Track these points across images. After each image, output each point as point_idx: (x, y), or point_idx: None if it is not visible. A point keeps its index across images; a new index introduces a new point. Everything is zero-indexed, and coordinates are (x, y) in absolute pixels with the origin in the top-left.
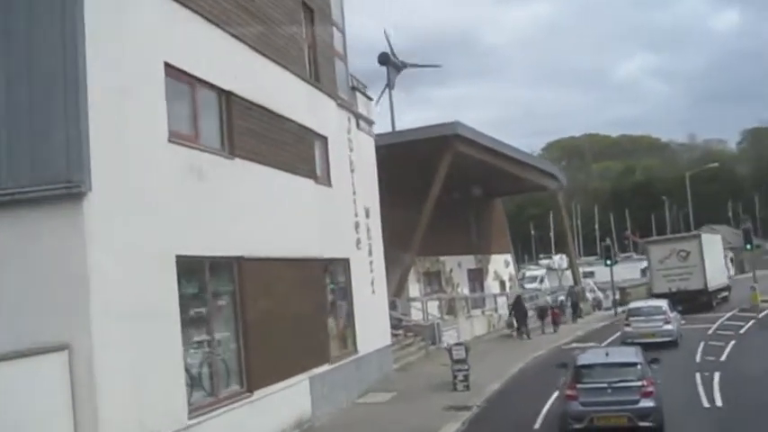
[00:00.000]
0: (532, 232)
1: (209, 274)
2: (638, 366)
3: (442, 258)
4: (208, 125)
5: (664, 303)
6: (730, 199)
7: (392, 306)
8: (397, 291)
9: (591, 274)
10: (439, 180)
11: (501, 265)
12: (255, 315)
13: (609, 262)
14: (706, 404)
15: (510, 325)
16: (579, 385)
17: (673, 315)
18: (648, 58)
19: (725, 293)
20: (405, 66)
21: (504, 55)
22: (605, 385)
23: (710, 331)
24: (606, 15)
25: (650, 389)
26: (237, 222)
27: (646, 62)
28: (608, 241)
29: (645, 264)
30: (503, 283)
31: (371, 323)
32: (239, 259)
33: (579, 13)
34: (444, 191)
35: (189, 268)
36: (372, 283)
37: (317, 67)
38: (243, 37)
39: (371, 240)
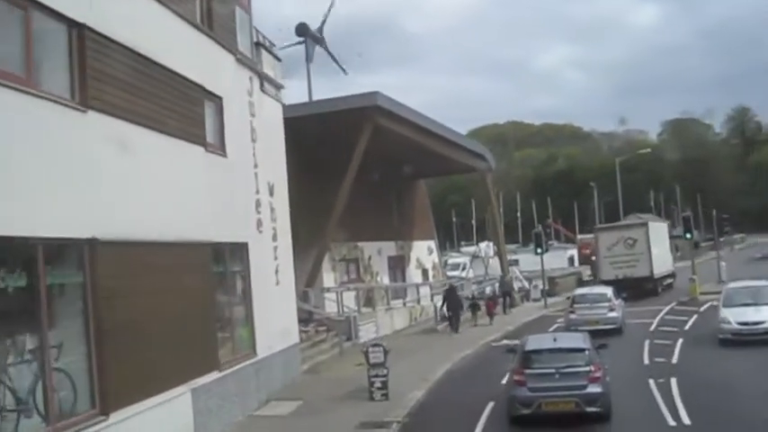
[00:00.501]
0: (454, 219)
1: (44, 261)
2: (586, 352)
3: (360, 244)
4: (49, 65)
5: (608, 290)
6: (652, 189)
7: (303, 297)
8: (309, 280)
9: (515, 263)
10: (357, 157)
11: (424, 252)
12: (115, 314)
13: (539, 250)
14: (671, 422)
15: (443, 318)
16: (527, 370)
17: (617, 302)
18: (570, 50)
19: (670, 280)
20: (322, 40)
21: (427, 43)
22: (553, 371)
23: (653, 327)
24: (528, 6)
25: (598, 374)
26: (90, 195)
27: (567, 54)
28: (539, 228)
29: (572, 252)
30: (425, 272)
31: (275, 319)
32: (91, 242)
33: (501, 3)
34: (363, 170)
35: (12, 253)
36: (277, 272)
37: (210, 12)
38: None
39: (277, 222)
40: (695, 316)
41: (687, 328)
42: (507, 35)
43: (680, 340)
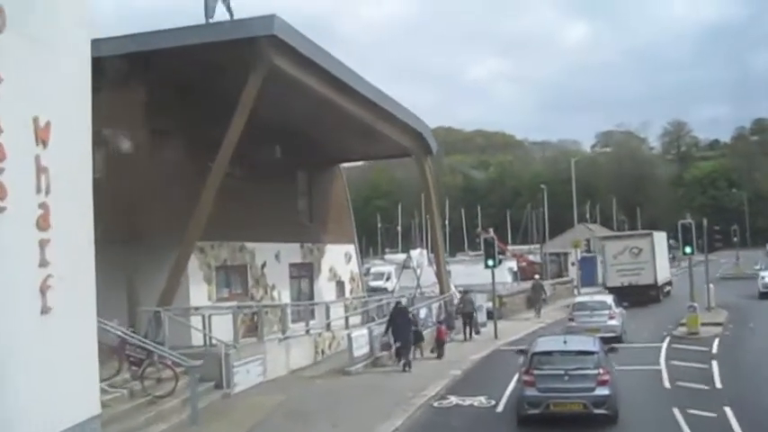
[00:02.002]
0: (379, 225)
1: None
2: (596, 355)
3: (249, 246)
4: None
5: (609, 298)
6: (588, 200)
7: (153, 323)
8: (164, 297)
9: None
10: (242, 114)
11: (340, 259)
12: None
13: (490, 262)
14: None
15: (385, 346)
16: (536, 371)
17: (618, 311)
18: (501, 64)
19: (669, 288)
20: None
21: (358, 49)
22: (562, 372)
23: (667, 382)
24: (460, 20)
25: (606, 377)
26: None
27: (498, 67)
28: (490, 233)
29: (511, 264)
30: (341, 285)
31: (31, 381)
32: None
33: (433, 15)
34: (258, 141)
35: None
36: (45, 291)
37: None
38: None
39: (50, 195)
40: (715, 363)
41: (719, 385)
42: (438, 47)
43: (726, 410)
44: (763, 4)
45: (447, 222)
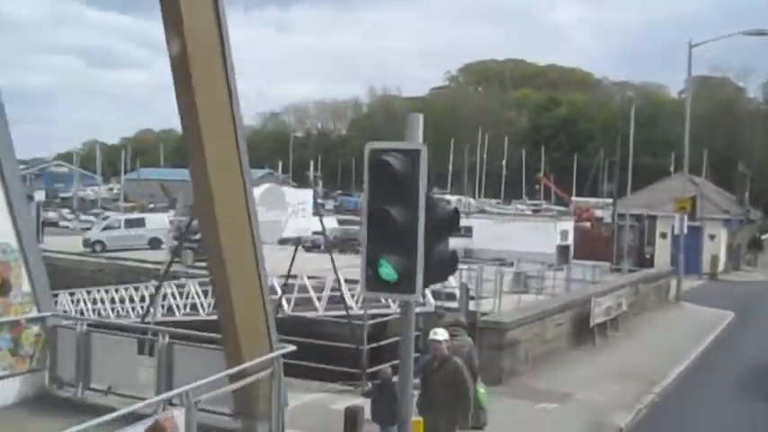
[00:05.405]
0: None
1: None
2: None
3: None
4: None
5: None
6: (672, 150)
7: None
8: None
9: (467, 233)
10: None
11: None
12: None
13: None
14: None
15: None
16: None
17: None
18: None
19: None
20: None
21: None
22: None
23: None
24: None
25: None
26: None
27: (579, 13)
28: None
29: (566, 225)
30: None
31: None
32: None
33: None
34: None
35: None
36: None
37: None
38: None
39: None
40: None
41: None
42: None
43: None
44: None
45: (504, 163)
